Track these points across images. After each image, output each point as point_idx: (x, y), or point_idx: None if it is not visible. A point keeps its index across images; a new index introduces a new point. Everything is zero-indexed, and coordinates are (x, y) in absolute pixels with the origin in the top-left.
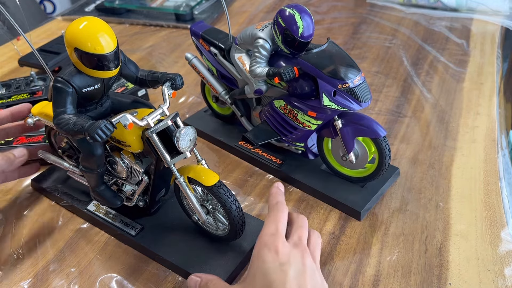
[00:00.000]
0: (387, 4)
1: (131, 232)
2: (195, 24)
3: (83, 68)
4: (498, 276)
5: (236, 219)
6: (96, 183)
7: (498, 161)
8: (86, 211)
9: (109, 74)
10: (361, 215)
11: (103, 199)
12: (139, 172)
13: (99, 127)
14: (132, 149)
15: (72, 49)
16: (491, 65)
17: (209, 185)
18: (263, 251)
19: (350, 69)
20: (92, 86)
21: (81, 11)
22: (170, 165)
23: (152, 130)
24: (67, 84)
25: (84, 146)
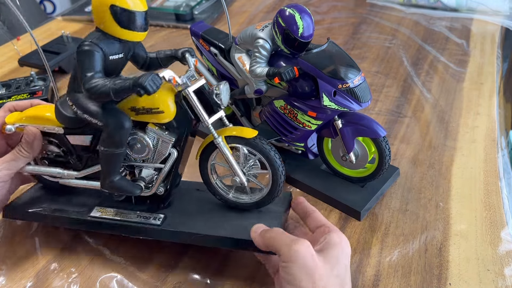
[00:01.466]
0: (387, 4)
1: (155, 223)
2: (195, 24)
3: (114, 29)
4: (498, 276)
5: (280, 169)
6: (114, 169)
7: (498, 161)
8: (91, 218)
9: (138, 36)
10: (361, 215)
11: (120, 189)
12: (168, 145)
13: (149, 78)
14: (164, 116)
15: (107, 8)
16: (491, 65)
17: (251, 137)
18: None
19: (350, 69)
20: (117, 54)
21: (81, 11)
22: (208, 124)
23: (190, 88)
24: (95, 46)
25: (112, 119)
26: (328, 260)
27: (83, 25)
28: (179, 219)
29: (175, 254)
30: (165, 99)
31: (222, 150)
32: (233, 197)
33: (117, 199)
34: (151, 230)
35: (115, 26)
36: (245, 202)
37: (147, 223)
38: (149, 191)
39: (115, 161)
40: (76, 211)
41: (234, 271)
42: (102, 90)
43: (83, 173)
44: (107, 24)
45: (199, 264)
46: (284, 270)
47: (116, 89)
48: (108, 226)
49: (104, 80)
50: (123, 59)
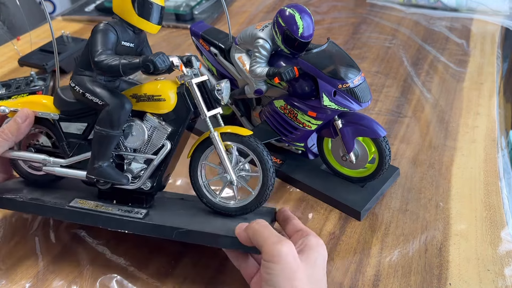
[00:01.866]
0: (387, 4)
1: (137, 216)
2: (195, 24)
3: (132, 16)
4: (498, 276)
5: (270, 172)
6: (105, 152)
7: (498, 161)
8: (69, 208)
9: (152, 28)
10: (361, 215)
11: (107, 176)
12: (163, 136)
13: (158, 56)
14: (165, 104)
15: None
16: (491, 65)
17: (246, 135)
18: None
19: (350, 69)
20: (129, 42)
21: (81, 11)
22: (206, 117)
23: (194, 79)
24: (111, 28)
25: (114, 99)
26: (307, 262)
27: (83, 25)
28: (162, 215)
29: (175, 254)
30: (168, 88)
31: (216, 145)
32: (220, 201)
33: (101, 187)
34: (132, 223)
35: (133, 13)
36: (231, 207)
37: (129, 216)
38: (135, 184)
39: (108, 143)
40: (54, 202)
41: (234, 272)
42: (112, 64)
43: (70, 161)
44: (125, 10)
45: (199, 264)
46: (265, 270)
47: (125, 64)
48: (87, 217)
49: (114, 56)
50: (133, 50)
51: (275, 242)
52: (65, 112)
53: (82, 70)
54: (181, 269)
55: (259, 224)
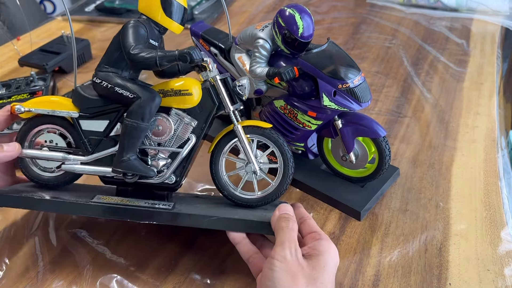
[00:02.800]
0: (387, 4)
1: (166, 207)
2: (195, 24)
3: (158, 14)
4: (498, 276)
5: (290, 161)
6: (133, 145)
7: (498, 161)
8: (95, 203)
9: (177, 28)
10: (361, 215)
11: (135, 169)
12: (189, 129)
13: (193, 49)
14: (191, 99)
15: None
16: (491, 65)
17: (267, 127)
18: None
19: (350, 69)
20: (155, 40)
21: (81, 11)
22: (230, 111)
23: (218, 76)
24: (143, 26)
25: (144, 92)
26: (314, 266)
27: (83, 25)
28: (187, 207)
29: (175, 254)
30: (193, 84)
31: (240, 137)
32: (241, 193)
33: (129, 179)
34: (162, 213)
35: (160, 11)
36: (252, 198)
37: (158, 208)
38: (161, 178)
39: (138, 135)
40: (75, 199)
41: (234, 271)
42: (147, 56)
43: (92, 158)
44: (154, 9)
45: (199, 264)
46: (269, 266)
47: (162, 56)
48: (113, 211)
49: (148, 50)
50: (156, 48)
51: (287, 246)
52: (86, 109)
53: (107, 67)
54: (181, 269)
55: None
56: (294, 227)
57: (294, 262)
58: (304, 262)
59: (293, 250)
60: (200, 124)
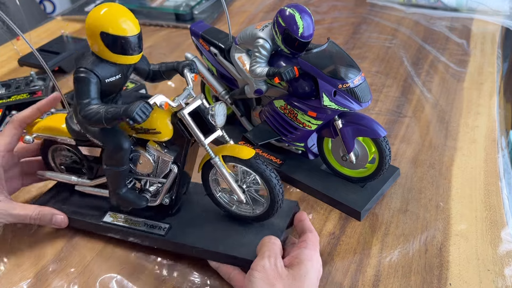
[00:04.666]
0: (387, 4)
1: (159, 233)
2: (195, 24)
3: (107, 54)
4: (498, 276)
5: (276, 188)
6: (119, 183)
7: (498, 161)
8: (103, 223)
9: (132, 59)
10: (361, 215)
11: (127, 201)
12: (168, 162)
13: (138, 107)
14: (162, 135)
15: (97, 35)
16: (491, 65)
17: (248, 158)
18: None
19: (350, 69)
20: (114, 76)
21: (81, 11)
22: (205, 145)
23: (185, 110)
24: (90, 73)
25: (111, 141)
26: (294, 275)
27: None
28: (183, 230)
29: (175, 254)
30: (162, 120)
31: (219, 170)
32: (236, 210)
33: (124, 209)
34: (155, 239)
35: (107, 52)
36: (248, 215)
37: (152, 232)
38: (155, 202)
39: (118, 177)
40: (91, 215)
41: None
42: (95, 118)
43: (95, 182)
44: (100, 50)
45: (199, 264)
46: (249, 277)
47: (108, 118)
48: (118, 232)
49: (98, 107)
50: (121, 79)
51: (266, 256)
52: (77, 139)
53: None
54: (181, 269)
55: (270, 240)
56: (276, 241)
57: (272, 271)
58: (284, 272)
59: (272, 260)
60: (178, 155)
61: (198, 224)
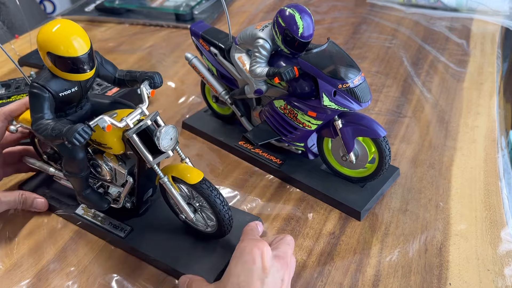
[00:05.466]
0: (387, 4)
1: (120, 234)
2: (195, 24)
3: (58, 72)
4: (498, 276)
5: (222, 212)
6: (81, 187)
7: (498, 161)
8: (75, 215)
9: (84, 76)
10: (361, 215)
11: (89, 203)
12: (123, 174)
13: (76, 131)
14: (114, 151)
15: (45, 53)
16: (491, 65)
17: (193, 183)
18: (246, 251)
19: (350, 69)
20: (69, 89)
21: (81, 11)
22: (153, 166)
23: (131, 131)
24: (43, 89)
25: (65, 150)
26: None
27: (83, 25)
28: (142, 236)
29: None
30: (112, 137)
31: (168, 189)
32: (191, 224)
33: (89, 208)
34: (116, 240)
35: (57, 70)
36: (201, 229)
37: (114, 233)
38: (117, 205)
39: (79, 182)
40: (67, 204)
41: None
42: (43, 134)
43: None
44: (50, 67)
45: None
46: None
47: (52, 136)
48: (87, 226)
49: (48, 123)
50: (78, 91)
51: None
52: None
53: None
54: None
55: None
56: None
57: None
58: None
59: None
60: (132, 167)
61: (158, 231)
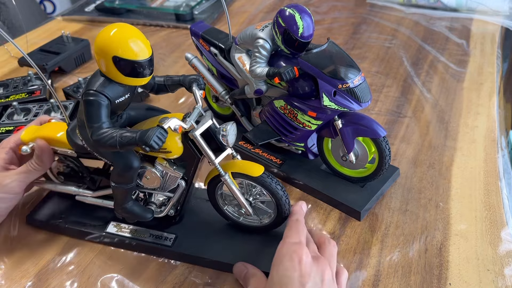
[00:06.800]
0: (387, 4)
1: (166, 243)
2: (195, 24)
3: (117, 76)
4: (498, 276)
5: (283, 200)
6: (125, 199)
7: (498, 161)
8: (107, 234)
9: (143, 81)
10: (361, 215)
11: (132, 215)
12: (177, 178)
13: (154, 135)
14: (172, 154)
15: (109, 58)
16: (491, 65)
17: (257, 175)
18: (285, 258)
19: (350, 69)
20: (123, 96)
21: (81, 11)
22: (216, 165)
23: (197, 131)
24: (101, 96)
25: (120, 160)
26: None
27: (83, 25)
28: (190, 241)
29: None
30: (172, 140)
31: (228, 186)
32: (244, 221)
33: (130, 220)
34: (162, 250)
35: (119, 75)
36: (255, 225)
37: (159, 243)
38: (160, 213)
39: (125, 193)
40: (93, 225)
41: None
42: (109, 143)
43: (98, 194)
44: (111, 72)
45: None
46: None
47: (122, 143)
48: (122, 244)
49: (112, 131)
50: (129, 98)
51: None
52: (79, 152)
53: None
54: (181, 268)
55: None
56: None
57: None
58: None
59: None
60: (187, 172)
61: (203, 233)
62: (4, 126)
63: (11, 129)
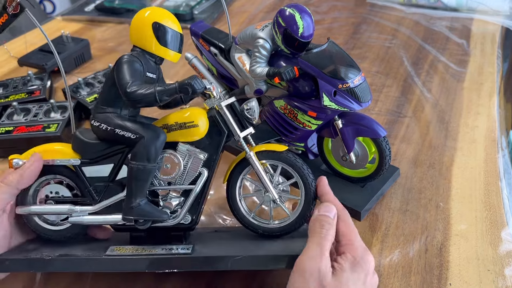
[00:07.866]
0: (387, 4)
1: (185, 252)
2: (195, 24)
3: (153, 43)
4: (498, 276)
5: (309, 180)
6: (142, 189)
7: (498, 161)
8: (108, 257)
9: (173, 57)
10: (361, 215)
11: (147, 214)
12: (200, 162)
13: (194, 79)
14: (197, 131)
15: (149, 25)
16: (491, 65)
17: (282, 151)
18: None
19: (350, 69)
20: (153, 73)
21: (81, 11)
22: (240, 139)
23: (223, 102)
24: (137, 60)
25: (147, 130)
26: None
27: (83, 25)
28: (208, 248)
29: None
30: (198, 114)
31: (253, 165)
32: (253, 219)
33: (141, 226)
34: (182, 259)
35: (154, 42)
36: (266, 227)
37: (176, 253)
38: (175, 219)
39: (145, 178)
40: (87, 254)
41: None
42: (146, 93)
43: (100, 206)
44: (147, 40)
45: None
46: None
47: (161, 91)
48: (129, 263)
49: (147, 85)
50: (155, 81)
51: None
52: (88, 154)
53: (104, 108)
54: None
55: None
56: (328, 234)
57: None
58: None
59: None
60: (211, 156)
61: (218, 241)
62: (3, 126)
63: (10, 129)
